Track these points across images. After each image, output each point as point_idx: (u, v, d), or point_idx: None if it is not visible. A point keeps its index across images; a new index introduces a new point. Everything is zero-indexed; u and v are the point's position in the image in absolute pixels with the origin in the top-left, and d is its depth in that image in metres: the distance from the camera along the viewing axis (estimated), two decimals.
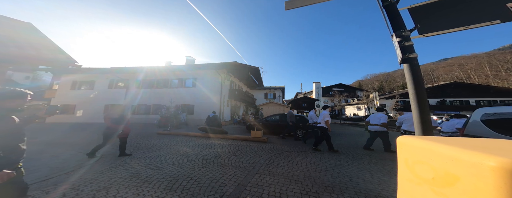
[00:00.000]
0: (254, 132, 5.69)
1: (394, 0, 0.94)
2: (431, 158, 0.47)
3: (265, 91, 23.56)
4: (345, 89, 38.42)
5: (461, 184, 0.40)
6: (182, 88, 12.59)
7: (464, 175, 0.38)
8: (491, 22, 0.64)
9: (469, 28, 0.67)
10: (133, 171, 2.63)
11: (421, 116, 0.63)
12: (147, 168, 2.80)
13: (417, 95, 0.64)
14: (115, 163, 3.01)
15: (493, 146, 0.41)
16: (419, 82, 0.67)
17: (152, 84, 13.07)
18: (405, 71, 0.75)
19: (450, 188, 0.43)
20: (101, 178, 2.36)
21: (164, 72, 13.02)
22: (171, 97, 12.01)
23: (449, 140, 0.49)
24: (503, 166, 0.30)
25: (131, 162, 3.06)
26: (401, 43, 0.80)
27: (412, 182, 0.57)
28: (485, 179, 0.33)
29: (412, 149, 0.54)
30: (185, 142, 4.96)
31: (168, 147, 4.31)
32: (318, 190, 2.11)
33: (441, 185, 0.45)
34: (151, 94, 12.70)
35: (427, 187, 0.50)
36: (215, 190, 2.06)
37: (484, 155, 0.34)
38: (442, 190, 0.45)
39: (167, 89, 12.74)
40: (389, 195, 2.01)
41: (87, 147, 3.97)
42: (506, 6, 0.63)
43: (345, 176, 2.57)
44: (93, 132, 6.72)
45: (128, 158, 3.30)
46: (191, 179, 2.38)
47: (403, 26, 0.86)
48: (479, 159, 0.34)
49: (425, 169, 0.50)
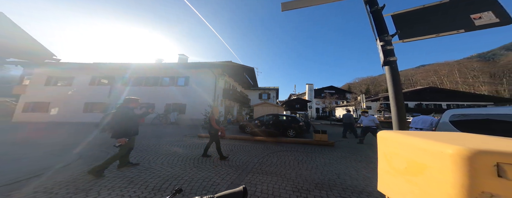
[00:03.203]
0: (319, 135, 5.05)
1: (380, 7, 1.02)
2: (404, 150, 0.53)
3: (259, 92, 23.67)
4: (336, 91, 39.91)
5: (428, 171, 0.45)
6: (174, 86, 12.18)
7: (430, 163, 0.43)
8: (457, 31, 0.74)
9: (440, 35, 0.77)
10: (117, 172, 2.49)
11: (398, 112, 0.71)
12: (132, 168, 2.68)
13: (395, 94, 0.72)
14: (96, 164, 2.81)
15: (452, 138, 0.47)
16: (397, 83, 0.75)
17: (141, 82, 12.49)
18: (386, 73, 0.83)
19: (419, 176, 0.48)
20: (80, 180, 2.18)
21: (154, 70, 12.52)
22: (162, 96, 11.60)
23: (419, 133, 0.56)
24: (458, 153, 0.36)
25: (114, 163, 2.84)
26: (383, 47, 0.88)
27: (389, 173, 0.62)
28: (446, 165, 0.38)
29: (389, 142, 0.60)
30: (176, 142, 4.83)
31: (157, 147, 4.17)
32: (309, 187, 2.18)
33: (412, 174, 0.51)
34: (140, 92, 12.14)
35: (401, 176, 0.56)
36: (207, 189, 2.04)
37: (445, 145, 0.39)
38: (413, 178, 0.51)
39: (158, 87, 12.25)
40: (372, 190, 2.14)
41: (64, 147, 3.72)
42: (470, 17, 0.74)
43: (333, 174, 2.68)
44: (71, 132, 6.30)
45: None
46: (182, 179, 2.33)
47: (386, 31, 0.94)
48: (441, 148, 0.40)
49: (400, 160, 0.55)
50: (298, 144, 5.01)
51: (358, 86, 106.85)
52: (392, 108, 0.75)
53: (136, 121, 2.67)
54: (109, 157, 2.46)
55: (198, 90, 11.72)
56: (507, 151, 0.33)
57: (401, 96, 0.77)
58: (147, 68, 12.40)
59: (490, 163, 0.33)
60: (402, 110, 0.75)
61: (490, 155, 0.33)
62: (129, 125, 2.53)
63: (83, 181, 2.15)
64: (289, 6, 1.34)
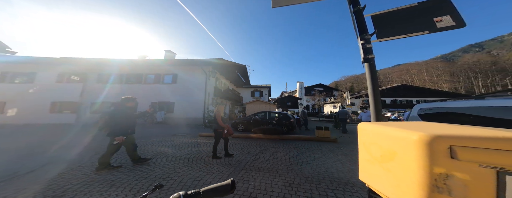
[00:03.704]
0: (322, 132, 5.14)
1: (362, 7, 1.09)
2: (379, 139, 0.58)
3: (252, 90, 23.67)
4: (324, 89, 41.53)
5: (398, 157, 0.50)
6: (160, 84, 11.57)
7: (399, 149, 0.48)
8: (422, 32, 0.84)
9: (409, 35, 0.86)
10: (94, 176, 2.31)
11: (375, 106, 0.78)
12: (113, 170, 2.52)
13: (373, 89, 0.78)
14: (68, 168, 2.61)
15: (417, 126, 0.53)
16: (375, 80, 0.82)
17: (121, 79, 11.58)
18: (365, 70, 0.90)
19: (391, 162, 0.53)
20: (50, 186, 1.98)
21: (137, 67, 11.69)
22: (146, 94, 10.95)
23: (392, 124, 0.61)
24: (420, 138, 0.41)
25: (91, 167, 2.66)
26: (363, 45, 0.95)
27: (368, 162, 0.67)
28: (411, 150, 0.43)
29: (367, 133, 0.65)
30: (164, 142, 4.66)
31: (142, 148, 3.98)
32: (300, 181, 2.26)
33: (385, 161, 0.56)
34: (120, 90, 11.20)
35: (377, 164, 0.61)
36: (199, 188, 2.01)
37: (410, 132, 0.44)
38: (386, 165, 0.56)
39: (141, 85, 11.50)
40: (355, 181, 2.29)
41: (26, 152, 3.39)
42: (433, 20, 0.83)
43: (322, 168, 2.81)
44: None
45: (86, 163, 2.86)
46: (171, 179, 2.28)
47: (366, 30, 1.01)
48: (407, 135, 0.45)
49: (376, 149, 0.61)
50: (299, 141, 5.12)
51: (344, 83, 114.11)
52: (371, 102, 0.82)
53: (133, 120, 2.79)
54: (102, 155, 2.49)
55: (187, 88, 11.31)
56: (458, 135, 0.39)
57: (378, 91, 0.84)
58: (129, 64, 11.46)
59: (444, 146, 0.38)
60: (379, 104, 0.82)
61: (444, 139, 0.38)
62: (126, 123, 2.63)
63: (53, 187, 1.97)
64: (280, 2, 1.35)
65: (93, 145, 4.22)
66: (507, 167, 0.35)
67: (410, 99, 28.28)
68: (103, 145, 4.14)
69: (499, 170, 0.35)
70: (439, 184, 0.38)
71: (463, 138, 0.38)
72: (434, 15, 0.84)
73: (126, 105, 2.71)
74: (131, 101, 2.77)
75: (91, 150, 3.70)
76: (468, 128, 0.49)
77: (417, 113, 2.41)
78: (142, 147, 4.07)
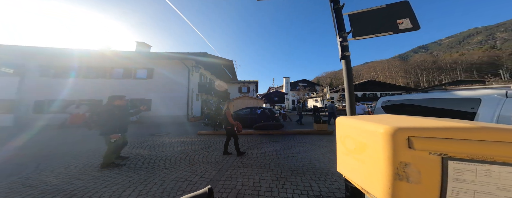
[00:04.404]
0: (320, 125, 5.52)
1: (341, 5, 1.13)
2: (353, 132, 0.62)
3: (239, 85, 23.40)
4: (308, 84, 43.59)
5: (369, 149, 0.55)
6: (131, 79, 10.41)
7: (370, 141, 0.53)
8: (387, 32, 0.94)
9: (378, 35, 0.95)
10: (46, 187, 1.97)
11: (350, 100, 0.85)
12: (74, 179, 2.18)
13: (349, 85, 0.85)
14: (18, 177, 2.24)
15: (384, 119, 0.58)
16: (350, 76, 0.89)
17: (79, 73, 9.94)
18: (342, 66, 0.96)
19: (363, 154, 0.58)
20: None
21: (99, 59, 10.09)
22: (114, 90, 9.65)
23: (363, 117, 0.67)
24: (385, 131, 0.45)
25: (41, 177, 2.25)
26: (341, 42, 1.01)
27: (344, 153, 0.72)
28: (379, 142, 0.48)
29: (344, 127, 0.69)
30: (140, 144, 4.28)
31: None
32: (286, 174, 2.35)
33: (358, 152, 0.61)
34: (76, 85, 9.68)
35: (352, 156, 0.66)
36: (183, 190, 1.95)
37: (378, 125, 0.49)
38: (359, 156, 0.61)
39: (106, 80, 10.09)
40: (334, 171, 2.49)
41: None
42: (396, 22, 0.93)
43: (306, 160, 2.98)
44: None
45: (36, 171, 2.48)
46: (150, 183, 2.12)
47: (344, 28, 1.07)
48: (375, 128, 0.49)
49: (351, 141, 0.65)
50: (295, 135, 5.41)
51: (325, 79, 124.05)
52: (346, 97, 0.89)
53: (124, 118, 2.80)
54: (105, 153, 2.55)
55: (167, 84, 10.52)
56: (413, 126, 0.44)
57: (353, 86, 0.91)
58: (87, 56, 9.81)
59: (404, 138, 0.43)
60: (353, 98, 0.90)
61: (403, 130, 0.43)
62: (116, 122, 2.63)
63: None
64: None
65: (64, 149, 3.69)
66: (449, 153, 0.40)
67: (375, 93, 32.56)
68: (61, 150, 3.68)
69: (443, 156, 0.41)
70: (400, 172, 0.42)
71: (418, 129, 0.43)
72: (397, 17, 0.94)
73: (113, 104, 2.70)
74: (118, 99, 2.75)
75: (46, 158, 3.16)
76: (421, 119, 0.56)
77: (381, 105, 2.83)
78: None
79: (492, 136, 0.39)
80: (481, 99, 1.47)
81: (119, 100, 2.78)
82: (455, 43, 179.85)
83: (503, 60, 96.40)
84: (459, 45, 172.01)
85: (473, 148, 0.39)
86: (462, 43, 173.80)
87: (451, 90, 2.05)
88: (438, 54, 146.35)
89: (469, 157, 0.39)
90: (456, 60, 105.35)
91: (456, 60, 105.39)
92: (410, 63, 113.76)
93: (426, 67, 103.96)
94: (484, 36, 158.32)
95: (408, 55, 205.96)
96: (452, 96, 1.81)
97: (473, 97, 1.55)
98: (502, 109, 1.29)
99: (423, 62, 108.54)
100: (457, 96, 1.75)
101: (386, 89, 32.69)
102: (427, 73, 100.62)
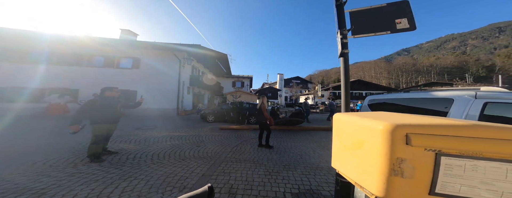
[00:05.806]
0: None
1: (344, 1, 1.12)
2: (350, 129, 0.63)
3: (233, 80, 23.01)
4: (301, 81, 44.47)
5: (366, 145, 0.56)
6: (113, 68, 9.73)
7: (367, 138, 0.54)
8: (385, 32, 0.96)
9: (377, 34, 0.96)
10: (13, 184, 1.74)
11: (346, 97, 0.87)
12: (44, 176, 1.95)
13: (345, 83, 0.86)
14: None
15: (381, 117, 0.60)
16: (347, 73, 0.90)
17: (51, 59, 9.11)
18: (341, 64, 0.97)
19: (360, 150, 0.60)
20: None
21: (74, 44, 9.28)
22: (93, 79, 9.03)
23: (361, 114, 0.68)
24: (384, 128, 0.46)
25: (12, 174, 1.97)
26: (342, 39, 1.01)
27: (341, 149, 0.74)
28: (377, 138, 0.48)
29: (341, 123, 0.70)
30: (123, 138, 4.07)
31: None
32: (278, 169, 2.39)
33: (355, 148, 0.62)
34: (47, 72, 8.88)
35: (348, 151, 0.67)
36: (173, 185, 1.90)
37: (377, 122, 0.49)
38: (355, 152, 0.62)
39: (83, 68, 9.37)
40: (323, 166, 2.59)
41: None
42: (394, 21, 0.95)
43: (297, 155, 3.06)
44: None
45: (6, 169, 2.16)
46: (136, 179, 2.00)
47: (345, 25, 1.07)
48: (374, 125, 0.50)
49: (347, 137, 0.67)
50: (285, 131, 5.35)
51: (317, 77, 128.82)
52: (342, 94, 0.90)
53: (114, 109, 2.79)
54: (89, 146, 2.52)
55: (155, 75, 10.02)
56: (412, 123, 0.45)
57: (349, 84, 0.93)
58: (60, 41, 8.96)
59: (402, 134, 0.44)
60: (349, 96, 0.92)
61: (402, 127, 0.44)
62: (107, 112, 2.66)
63: None
64: None
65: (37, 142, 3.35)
66: (442, 150, 0.42)
67: (361, 91, 34.87)
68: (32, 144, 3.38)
69: (437, 152, 0.43)
70: (395, 167, 0.44)
71: (415, 126, 0.44)
72: (396, 16, 0.95)
73: (104, 95, 2.75)
74: (108, 90, 2.79)
75: (14, 152, 2.82)
76: (416, 117, 0.58)
77: (367, 103, 3.06)
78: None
79: (482, 133, 0.41)
80: (453, 99, 1.59)
81: (109, 92, 2.79)
82: (433, 48, 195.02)
83: (470, 65, 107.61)
84: (437, 49, 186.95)
85: (464, 145, 0.41)
86: (439, 47, 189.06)
87: (428, 90, 2.22)
88: (418, 57, 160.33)
89: (460, 153, 0.42)
90: (432, 63, 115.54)
91: (432, 63, 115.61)
92: (394, 64, 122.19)
93: (407, 69, 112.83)
94: (458, 42, 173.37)
95: (393, 57, 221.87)
96: (430, 96, 1.96)
97: (447, 98, 1.67)
98: (470, 109, 1.41)
99: (404, 64, 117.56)
100: (434, 96, 1.89)
101: (371, 88, 34.90)
102: (407, 75, 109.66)
